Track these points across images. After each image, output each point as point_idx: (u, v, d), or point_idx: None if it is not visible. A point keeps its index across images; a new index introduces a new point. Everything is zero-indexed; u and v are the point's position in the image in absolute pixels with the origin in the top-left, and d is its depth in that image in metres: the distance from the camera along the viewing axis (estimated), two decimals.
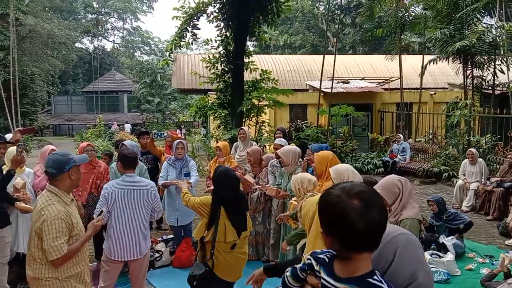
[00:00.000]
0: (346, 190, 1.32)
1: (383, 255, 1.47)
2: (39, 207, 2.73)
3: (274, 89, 10.81)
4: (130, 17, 56.60)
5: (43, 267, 2.73)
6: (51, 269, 2.75)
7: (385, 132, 16.03)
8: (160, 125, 31.11)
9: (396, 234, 1.52)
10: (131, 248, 3.76)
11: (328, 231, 1.34)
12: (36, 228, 2.69)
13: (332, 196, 1.33)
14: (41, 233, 2.66)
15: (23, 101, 27.25)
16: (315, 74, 19.22)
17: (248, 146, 6.62)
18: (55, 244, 2.66)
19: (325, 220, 1.35)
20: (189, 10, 10.15)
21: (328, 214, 1.33)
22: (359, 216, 1.26)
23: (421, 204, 8.84)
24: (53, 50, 32.29)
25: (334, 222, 1.30)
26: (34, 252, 2.74)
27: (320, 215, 1.38)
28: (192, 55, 23.01)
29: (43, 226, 2.65)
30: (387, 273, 1.45)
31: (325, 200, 1.35)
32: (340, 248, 1.33)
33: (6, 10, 24.31)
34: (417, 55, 20.92)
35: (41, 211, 2.69)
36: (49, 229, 2.65)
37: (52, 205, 2.72)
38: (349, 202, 1.28)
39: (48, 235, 2.65)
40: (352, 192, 1.31)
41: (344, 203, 1.28)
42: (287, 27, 37.33)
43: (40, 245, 2.71)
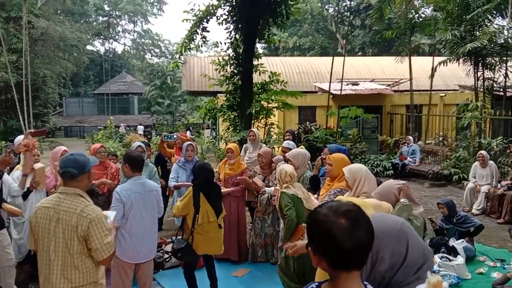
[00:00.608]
0: (333, 209, 1.33)
1: (396, 253, 1.52)
2: (78, 211, 2.57)
3: (283, 91, 10.82)
4: (141, 20, 57.06)
5: (86, 274, 2.62)
6: (93, 273, 2.66)
7: (394, 134, 15.93)
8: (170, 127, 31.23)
9: (400, 227, 1.57)
10: (147, 249, 3.82)
11: (316, 249, 1.34)
12: (81, 231, 2.54)
13: (320, 215, 1.34)
14: (88, 235, 2.55)
15: (35, 103, 27.60)
16: (324, 76, 19.18)
17: (258, 148, 6.63)
18: (107, 241, 2.61)
19: (313, 238, 1.36)
20: (199, 13, 10.22)
21: (316, 233, 1.34)
22: (346, 235, 1.27)
23: (431, 206, 8.80)
24: (65, 52, 32.68)
25: (322, 241, 1.31)
26: (75, 260, 2.58)
27: (308, 234, 1.39)
28: (202, 57, 23.12)
29: (91, 226, 2.55)
30: (404, 265, 1.51)
31: (313, 219, 1.36)
32: (327, 267, 1.33)
33: (19, 13, 24.65)
34: (427, 57, 20.76)
35: (82, 213, 2.56)
36: (98, 228, 2.57)
37: (90, 206, 2.65)
38: (336, 221, 1.30)
39: (98, 235, 2.57)
40: (339, 211, 1.32)
41: (331, 223, 1.30)
42: (296, 29, 37.31)
43: (83, 250, 2.59)
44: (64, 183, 2.71)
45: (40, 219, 2.61)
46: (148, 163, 5.53)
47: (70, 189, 2.65)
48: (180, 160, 5.78)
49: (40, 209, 2.65)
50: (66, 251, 2.56)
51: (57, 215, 2.58)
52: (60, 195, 2.65)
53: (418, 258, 1.51)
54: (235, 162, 5.72)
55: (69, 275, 2.58)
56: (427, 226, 5.27)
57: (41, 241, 2.63)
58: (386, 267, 1.52)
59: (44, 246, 2.61)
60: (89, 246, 2.59)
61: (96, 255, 2.60)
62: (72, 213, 2.56)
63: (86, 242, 2.58)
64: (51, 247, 2.57)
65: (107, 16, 54.02)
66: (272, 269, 5.35)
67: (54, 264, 2.57)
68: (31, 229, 2.68)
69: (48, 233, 2.59)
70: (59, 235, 2.56)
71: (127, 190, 3.72)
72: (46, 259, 2.60)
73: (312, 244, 1.36)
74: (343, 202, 1.38)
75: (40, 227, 2.61)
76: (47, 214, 2.60)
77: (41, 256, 2.64)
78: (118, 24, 56.04)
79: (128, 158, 3.93)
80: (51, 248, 2.57)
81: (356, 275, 1.34)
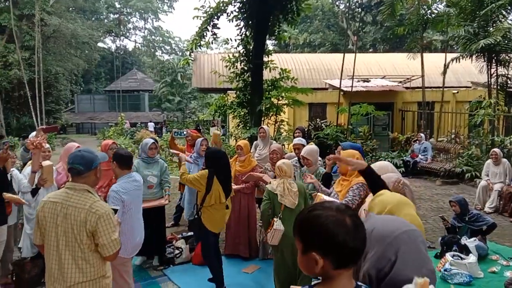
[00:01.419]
0: (335, 209, 1.31)
1: (385, 257, 1.48)
2: (87, 206, 2.58)
3: (293, 88, 10.79)
4: (151, 17, 57.28)
5: (96, 267, 2.65)
6: (102, 267, 2.69)
7: (406, 131, 15.81)
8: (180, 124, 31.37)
9: (397, 234, 1.51)
10: (140, 243, 4.00)
11: (320, 250, 1.28)
12: (89, 226, 2.55)
13: (324, 217, 1.29)
14: (96, 231, 2.56)
15: (48, 99, 27.94)
16: (335, 73, 19.09)
17: (268, 145, 6.62)
18: (114, 237, 2.64)
19: (317, 240, 1.29)
20: (210, 9, 10.22)
21: (321, 234, 1.28)
22: (353, 233, 1.27)
23: (443, 204, 8.73)
24: (77, 49, 32.98)
25: (329, 240, 1.27)
26: (85, 254, 2.60)
27: (309, 237, 1.31)
28: (212, 54, 23.14)
29: (99, 222, 2.56)
30: (390, 275, 1.46)
31: (316, 221, 1.30)
32: (329, 268, 1.29)
33: (32, 11, 24.94)
34: (439, 53, 20.52)
35: (91, 209, 2.57)
36: (106, 224, 2.59)
37: (99, 201, 2.66)
38: (343, 220, 1.28)
39: (106, 230, 2.58)
40: (342, 210, 1.31)
41: (340, 222, 1.28)
42: (307, 25, 37.15)
43: (92, 244, 2.61)
44: (72, 179, 2.71)
45: (47, 213, 2.62)
46: (158, 160, 5.54)
47: (78, 184, 2.65)
48: (191, 156, 5.80)
49: (47, 203, 2.65)
50: (76, 246, 2.58)
51: (65, 210, 2.58)
52: (68, 191, 2.65)
53: (411, 271, 1.44)
54: (245, 159, 5.71)
55: (81, 269, 2.60)
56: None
57: (48, 235, 2.63)
58: (369, 267, 1.50)
59: (51, 241, 2.62)
60: (97, 242, 2.60)
61: (103, 251, 2.62)
62: (81, 209, 2.57)
63: (94, 238, 2.60)
64: (59, 241, 2.58)
65: (118, 13, 54.33)
66: None
67: (65, 259, 2.59)
68: (37, 223, 2.68)
69: (55, 227, 2.59)
70: (68, 230, 2.57)
71: (125, 189, 3.79)
72: (55, 254, 2.61)
73: (314, 246, 1.29)
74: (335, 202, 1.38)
75: (47, 221, 2.62)
76: (54, 208, 2.61)
77: (48, 250, 2.64)
78: (129, 21, 56.36)
79: (116, 155, 3.97)
80: (60, 242, 2.58)
81: (349, 274, 1.34)
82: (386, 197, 2.17)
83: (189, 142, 6.70)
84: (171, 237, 6.01)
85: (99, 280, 2.68)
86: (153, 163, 5.45)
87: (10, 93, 27.22)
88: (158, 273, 5.24)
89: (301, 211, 1.39)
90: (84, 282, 2.61)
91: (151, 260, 5.52)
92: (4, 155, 4.25)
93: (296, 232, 1.36)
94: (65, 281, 2.59)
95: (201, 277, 4.87)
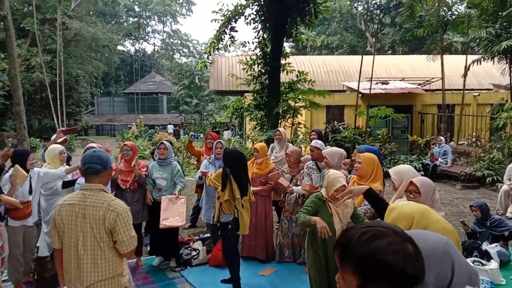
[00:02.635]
0: (392, 231, 1.17)
1: (442, 275, 1.40)
2: (105, 204, 2.61)
3: (310, 90, 10.76)
4: (170, 20, 57.85)
5: (114, 265, 2.69)
6: (120, 264, 2.74)
7: (425, 134, 15.58)
8: (198, 126, 31.56)
9: (444, 248, 1.42)
10: None
11: (372, 282, 1.14)
12: (108, 224, 2.59)
13: (383, 242, 1.14)
14: (114, 228, 2.60)
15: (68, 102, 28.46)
16: (353, 75, 18.95)
17: (284, 148, 6.62)
18: (132, 234, 2.68)
19: (374, 271, 1.13)
20: (228, 12, 10.28)
21: (381, 265, 1.12)
22: (414, 261, 1.14)
23: (463, 209, 8.58)
24: (97, 52, 33.57)
25: (390, 273, 1.12)
26: (105, 252, 2.64)
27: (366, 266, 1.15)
28: (229, 57, 23.25)
29: (118, 219, 2.60)
30: None
31: (377, 248, 1.13)
32: None
33: (54, 15, 25.47)
34: (460, 55, 20.19)
35: (109, 207, 2.61)
36: (125, 221, 2.63)
37: (116, 199, 2.71)
38: (404, 249, 1.14)
39: (124, 227, 2.62)
40: (398, 232, 1.18)
41: (401, 250, 1.13)
42: (325, 27, 37.00)
43: (111, 242, 2.65)
44: (86, 179, 2.75)
45: (65, 216, 2.64)
46: (171, 162, 5.53)
47: (94, 185, 2.69)
48: (210, 157, 5.84)
49: (64, 206, 2.68)
50: (96, 244, 2.61)
51: (83, 210, 2.61)
52: (85, 192, 2.68)
53: (465, 281, 1.38)
54: (262, 162, 5.72)
55: (100, 268, 2.63)
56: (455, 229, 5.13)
57: (67, 237, 2.66)
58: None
59: (71, 242, 2.65)
60: (115, 239, 2.64)
61: (121, 248, 2.66)
62: (99, 207, 2.61)
63: (112, 235, 2.64)
64: (79, 241, 2.61)
65: (137, 17, 55.06)
66: (299, 269, 5.34)
67: (84, 258, 2.61)
68: (54, 227, 2.71)
69: (74, 229, 2.63)
70: (87, 230, 2.60)
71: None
72: (74, 255, 2.64)
73: (376, 281, 1.14)
74: (388, 225, 1.21)
75: (66, 224, 2.65)
76: (72, 210, 2.64)
77: (68, 252, 2.68)
78: (148, 25, 57.04)
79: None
80: (79, 243, 2.61)
81: None
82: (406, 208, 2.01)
83: (208, 145, 6.71)
84: (188, 239, 6.05)
85: (117, 278, 2.72)
86: (166, 165, 5.47)
87: (33, 96, 27.84)
88: (175, 274, 5.28)
89: (352, 237, 1.19)
90: (102, 280, 2.65)
91: (168, 261, 5.57)
92: (8, 153, 4.50)
93: (351, 265, 1.17)
94: (85, 281, 2.62)
95: (217, 279, 4.88)
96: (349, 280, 1.17)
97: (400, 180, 3.19)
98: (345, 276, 1.19)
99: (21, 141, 12.54)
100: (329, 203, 3.67)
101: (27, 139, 13.07)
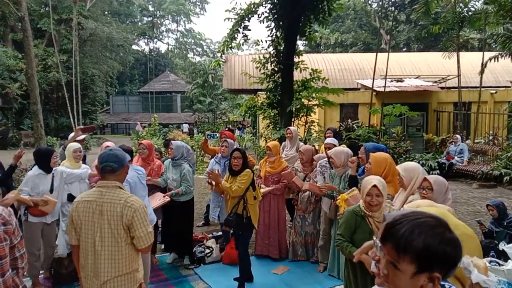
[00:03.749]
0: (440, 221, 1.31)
1: None
2: (122, 201, 2.65)
3: (324, 88, 10.69)
4: (184, 19, 58.18)
5: (131, 261, 2.73)
6: (136, 260, 2.78)
7: (441, 132, 15.39)
8: (211, 125, 31.67)
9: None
10: None
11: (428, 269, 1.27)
12: (126, 220, 2.63)
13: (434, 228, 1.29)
14: (132, 224, 2.64)
15: (84, 101, 28.87)
16: (367, 73, 18.81)
17: (295, 146, 6.60)
18: (150, 230, 2.73)
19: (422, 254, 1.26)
20: (241, 11, 10.28)
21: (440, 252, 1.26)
22: (457, 247, 1.28)
23: (480, 208, 8.45)
24: (112, 52, 33.97)
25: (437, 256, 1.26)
26: (122, 248, 2.67)
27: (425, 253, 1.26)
28: (243, 55, 23.27)
29: (135, 215, 2.64)
30: None
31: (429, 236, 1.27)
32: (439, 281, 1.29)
33: (70, 15, 25.85)
34: (476, 52, 19.89)
35: (126, 203, 2.65)
36: (142, 217, 2.67)
37: (133, 196, 2.76)
38: (450, 235, 1.28)
39: (141, 223, 2.66)
40: (444, 222, 1.31)
41: (448, 236, 1.27)
42: (339, 25, 36.77)
43: (128, 238, 2.68)
44: (103, 177, 2.78)
45: (82, 212, 2.68)
46: (181, 163, 5.47)
47: (110, 182, 2.73)
48: (217, 156, 5.86)
49: (81, 203, 2.71)
50: (113, 240, 2.64)
51: (100, 207, 2.65)
52: (101, 189, 2.72)
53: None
54: (275, 160, 5.71)
55: (117, 263, 2.66)
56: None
57: (84, 234, 2.69)
58: None
59: (88, 239, 2.68)
60: (133, 235, 2.67)
61: (138, 243, 2.69)
62: (117, 204, 2.64)
63: (130, 231, 2.67)
64: (96, 238, 2.65)
65: (152, 16, 55.50)
66: (312, 267, 5.33)
67: (101, 254, 2.64)
68: (71, 223, 2.75)
69: (91, 225, 2.66)
70: (104, 226, 2.64)
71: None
72: (91, 251, 2.68)
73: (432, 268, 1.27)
74: (431, 214, 1.34)
75: (83, 221, 2.69)
76: (89, 207, 2.67)
77: (85, 248, 2.71)
78: (162, 24, 57.49)
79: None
80: (97, 239, 2.64)
81: None
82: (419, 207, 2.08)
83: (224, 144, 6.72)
84: (202, 237, 6.09)
85: (133, 273, 2.75)
86: (177, 166, 5.45)
87: (49, 95, 28.30)
88: (188, 272, 5.31)
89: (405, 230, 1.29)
90: (119, 276, 2.68)
91: (182, 258, 5.61)
92: (21, 154, 4.89)
93: (408, 256, 1.28)
94: (102, 276, 2.66)
95: (230, 277, 4.90)
96: (405, 269, 1.29)
97: (409, 177, 3.16)
98: (400, 265, 1.29)
99: (38, 139, 12.76)
100: (369, 218, 3.14)
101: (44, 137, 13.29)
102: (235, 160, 4.65)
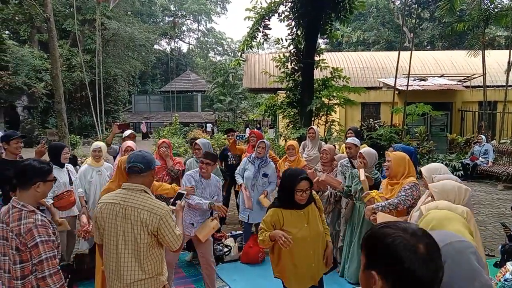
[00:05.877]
0: (409, 231, 1.18)
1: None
2: (146, 207, 2.62)
3: (345, 87, 10.58)
4: (205, 19, 58.60)
5: (155, 264, 2.72)
6: (160, 264, 2.78)
7: (465, 132, 15.04)
8: (231, 124, 31.77)
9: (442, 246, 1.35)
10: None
11: (372, 265, 1.20)
12: (151, 227, 2.60)
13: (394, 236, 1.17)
14: (158, 231, 2.63)
15: (107, 100, 29.39)
16: (389, 71, 18.55)
17: (317, 146, 6.54)
18: (178, 233, 2.73)
19: (380, 261, 1.18)
20: (261, 10, 10.26)
21: (387, 256, 1.17)
22: (423, 263, 1.14)
23: (504, 210, 8.24)
24: (134, 52, 34.42)
25: (393, 265, 1.15)
26: (147, 253, 2.66)
27: (370, 248, 1.23)
28: (263, 54, 23.26)
29: (161, 222, 2.62)
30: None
31: (384, 233, 1.20)
32: None
33: (93, 16, 26.32)
34: (503, 50, 19.36)
35: (152, 210, 2.61)
36: (168, 223, 2.66)
37: (157, 202, 2.72)
38: (412, 243, 1.15)
39: (169, 228, 2.65)
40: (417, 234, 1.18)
41: (409, 247, 1.15)
42: (361, 23, 36.37)
43: (153, 242, 2.67)
44: (129, 178, 2.75)
45: (106, 214, 2.65)
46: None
47: (136, 185, 2.68)
48: (251, 156, 5.83)
49: (105, 204, 2.68)
50: (136, 245, 2.61)
51: (124, 210, 2.61)
52: (126, 191, 2.68)
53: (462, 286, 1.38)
54: (295, 159, 5.68)
55: (140, 267, 2.64)
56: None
57: (107, 234, 2.67)
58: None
59: (111, 240, 2.65)
60: (161, 240, 2.67)
61: (170, 247, 2.71)
62: (141, 210, 2.60)
63: (157, 237, 2.66)
64: (119, 240, 2.62)
65: (173, 16, 56.06)
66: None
67: (123, 257, 2.62)
68: (96, 223, 2.75)
69: (114, 228, 2.63)
70: (128, 230, 2.61)
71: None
72: (113, 252, 2.67)
73: (375, 265, 1.19)
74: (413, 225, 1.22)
75: (106, 222, 2.67)
76: (112, 209, 2.64)
77: (108, 249, 2.71)
78: (183, 24, 57.98)
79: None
80: (119, 242, 2.61)
81: None
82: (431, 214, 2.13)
83: (252, 143, 6.70)
84: (221, 235, 6.10)
85: (157, 277, 2.73)
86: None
87: (73, 94, 28.89)
88: None
89: (373, 226, 1.29)
90: (143, 279, 2.66)
91: None
92: (43, 150, 4.89)
93: (362, 245, 1.27)
94: (124, 279, 2.64)
95: (248, 276, 4.90)
96: (362, 261, 1.26)
97: (431, 178, 3.16)
98: (361, 258, 1.27)
99: (62, 137, 13.06)
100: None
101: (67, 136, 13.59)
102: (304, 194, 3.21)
